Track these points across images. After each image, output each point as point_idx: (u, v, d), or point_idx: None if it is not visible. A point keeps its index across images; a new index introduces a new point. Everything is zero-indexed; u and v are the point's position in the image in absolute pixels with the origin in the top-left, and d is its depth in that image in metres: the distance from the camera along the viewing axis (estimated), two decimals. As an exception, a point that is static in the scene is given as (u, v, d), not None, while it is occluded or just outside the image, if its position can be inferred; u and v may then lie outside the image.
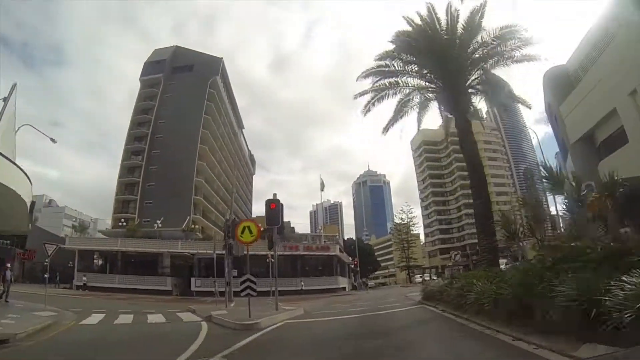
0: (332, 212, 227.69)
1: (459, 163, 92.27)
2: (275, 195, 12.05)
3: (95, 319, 12.66)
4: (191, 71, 63.80)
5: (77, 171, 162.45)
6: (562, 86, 25.18)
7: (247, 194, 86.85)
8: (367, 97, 16.58)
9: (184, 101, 58.13)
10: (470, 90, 15.22)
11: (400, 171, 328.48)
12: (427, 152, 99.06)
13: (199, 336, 7.86)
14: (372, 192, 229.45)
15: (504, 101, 16.76)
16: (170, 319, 12.58)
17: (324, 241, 45.89)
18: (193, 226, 48.25)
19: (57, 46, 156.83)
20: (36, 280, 41.97)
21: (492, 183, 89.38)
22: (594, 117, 20.73)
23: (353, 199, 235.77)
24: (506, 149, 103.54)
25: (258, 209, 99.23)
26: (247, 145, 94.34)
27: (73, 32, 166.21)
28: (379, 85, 15.90)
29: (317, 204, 63.00)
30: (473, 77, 15.24)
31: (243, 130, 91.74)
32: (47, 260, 16.44)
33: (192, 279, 34.78)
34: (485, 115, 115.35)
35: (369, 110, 16.54)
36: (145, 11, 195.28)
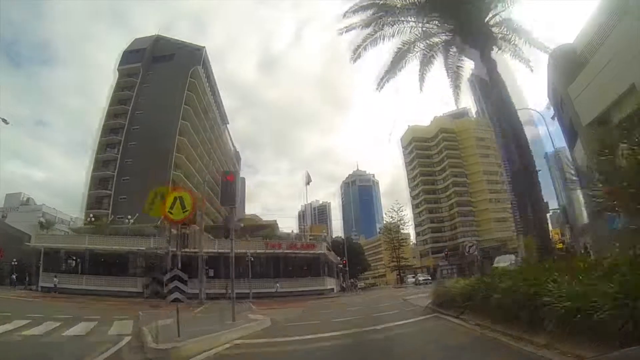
0: (320, 213, 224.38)
1: (451, 160, 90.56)
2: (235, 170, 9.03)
3: (9, 327, 10.53)
4: (172, 60, 60.60)
5: (62, 170, 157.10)
6: (569, 66, 23.04)
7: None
8: (358, 37, 13.61)
9: (164, 91, 54.88)
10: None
11: (389, 173, 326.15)
12: (417, 149, 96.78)
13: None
14: (360, 192, 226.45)
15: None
16: (95, 330, 9.79)
17: (310, 238, 42.96)
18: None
19: (45, 44, 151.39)
20: (4, 282, 38.76)
21: (486, 180, 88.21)
22: (608, 97, 18.69)
23: (342, 198, 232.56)
24: (498, 146, 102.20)
25: (247, 209, 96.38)
26: (232, 142, 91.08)
27: (62, 30, 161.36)
28: (375, 22, 12.75)
29: (304, 204, 60.28)
30: (492, 14, 12.43)
31: (228, 126, 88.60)
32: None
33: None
34: (475, 115, 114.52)
35: (359, 56, 13.57)
36: (134, 9, 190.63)
